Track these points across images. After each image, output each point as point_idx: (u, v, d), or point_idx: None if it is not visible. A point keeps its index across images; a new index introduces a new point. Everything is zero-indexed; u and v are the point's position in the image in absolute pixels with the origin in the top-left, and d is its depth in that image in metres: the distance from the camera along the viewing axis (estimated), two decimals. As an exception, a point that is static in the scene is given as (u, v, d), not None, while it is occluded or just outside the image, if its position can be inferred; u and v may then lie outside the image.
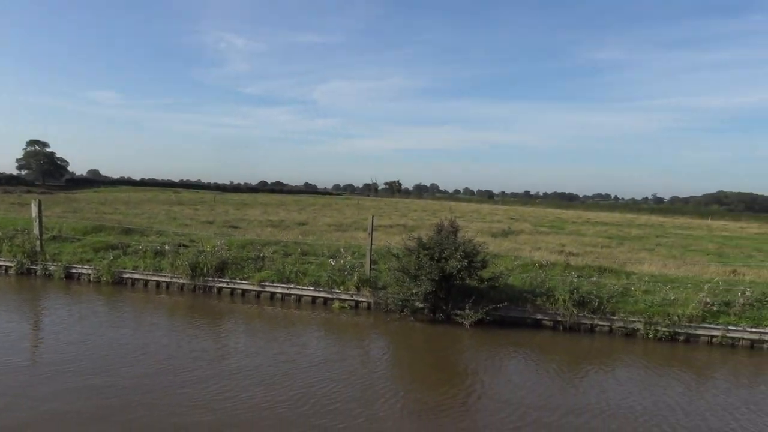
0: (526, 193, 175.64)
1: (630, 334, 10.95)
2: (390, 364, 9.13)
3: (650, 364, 9.49)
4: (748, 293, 11.26)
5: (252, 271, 13.26)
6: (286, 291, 12.74)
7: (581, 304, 11.14)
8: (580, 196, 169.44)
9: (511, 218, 38.81)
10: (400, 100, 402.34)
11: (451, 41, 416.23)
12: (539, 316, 11.38)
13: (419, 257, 11.17)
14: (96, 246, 14.99)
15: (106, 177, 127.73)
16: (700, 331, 10.71)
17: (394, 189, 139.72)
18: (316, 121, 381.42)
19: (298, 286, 12.69)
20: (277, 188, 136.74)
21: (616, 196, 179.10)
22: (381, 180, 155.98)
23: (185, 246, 14.87)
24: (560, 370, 9.00)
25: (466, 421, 6.90)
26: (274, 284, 12.84)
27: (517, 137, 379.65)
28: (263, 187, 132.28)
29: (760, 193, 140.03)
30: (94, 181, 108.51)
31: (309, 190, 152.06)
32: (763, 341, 10.48)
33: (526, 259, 14.63)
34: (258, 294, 12.92)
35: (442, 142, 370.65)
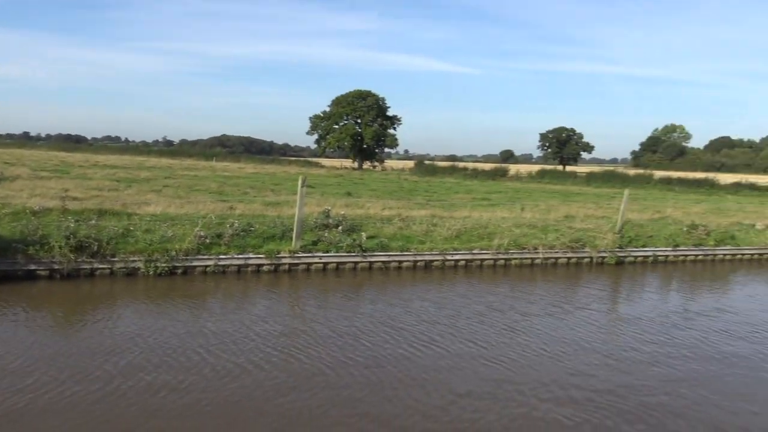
0: (26, 134, 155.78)
1: (131, 273, 11.16)
2: None
3: (153, 299, 9.92)
4: (236, 225, 12.75)
5: None
6: None
7: (80, 249, 10.77)
8: (89, 138, 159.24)
9: (6, 162, 34.24)
10: None
11: None
12: (33, 267, 10.55)
13: None
14: None
15: None
16: (195, 263, 11.66)
17: None
18: None
19: None
20: None
21: (126, 138, 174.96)
22: None
23: None
24: (60, 319, 8.65)
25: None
26: None
27: (11, 70, 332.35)
28: None
29: (256, 137, 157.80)
30: None
31: None
32: (248, 265, 12.09)
33: (18, 207, 13.29)
34: None
35: None
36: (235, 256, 12.02)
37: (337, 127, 76.25)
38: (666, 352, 8.44)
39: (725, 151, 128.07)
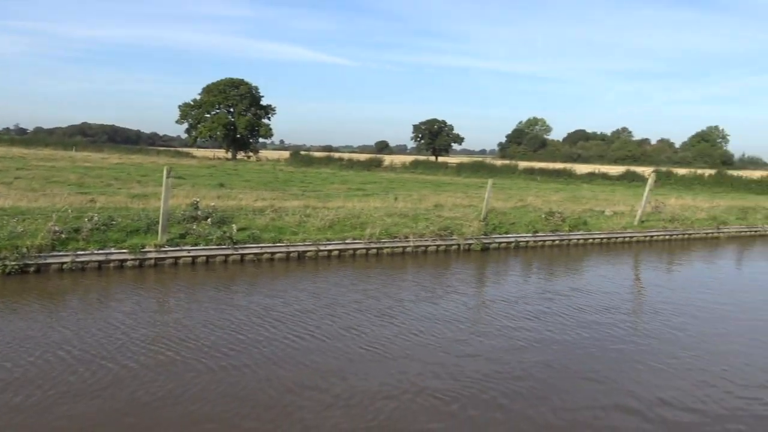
0: None
1: (-25, 273, 10.21)
2: None
3: (5, 301, 9.15)
4: (96, 218, 12.01)
5: None
6: None
7: None
8: None
9: None
10: None
11: None
12: None
13: None
14: None
15: None
16: (50, 260, 10.87)
17: None
18: None
19: None
20: None
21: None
22: None
23: None
24: None
25: None
26: None
27: None
28: None
29: (121, 125, 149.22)
30: None
31: None
32: (110, 261, 11.44)
33: None
34: None
35: None
36: (95, 252, 11.32)
37: (208, 116, 73.73)
38: (532, 328, 9.03)
39: (581, 144, 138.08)
